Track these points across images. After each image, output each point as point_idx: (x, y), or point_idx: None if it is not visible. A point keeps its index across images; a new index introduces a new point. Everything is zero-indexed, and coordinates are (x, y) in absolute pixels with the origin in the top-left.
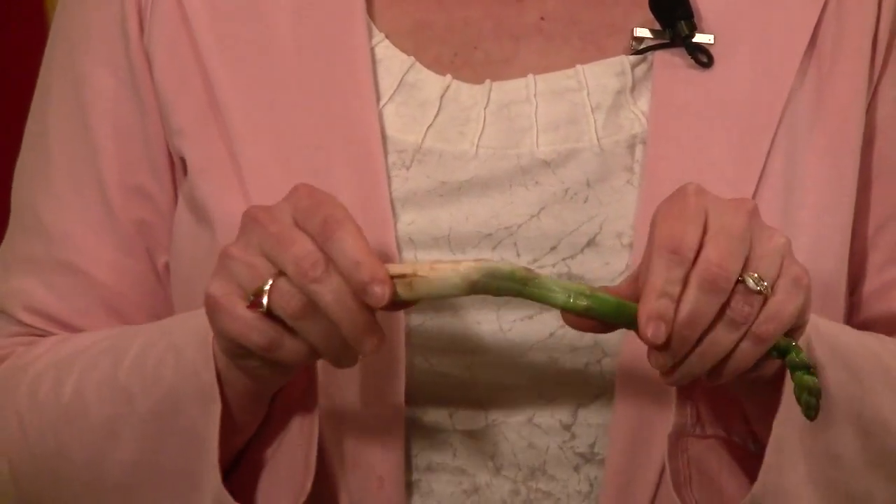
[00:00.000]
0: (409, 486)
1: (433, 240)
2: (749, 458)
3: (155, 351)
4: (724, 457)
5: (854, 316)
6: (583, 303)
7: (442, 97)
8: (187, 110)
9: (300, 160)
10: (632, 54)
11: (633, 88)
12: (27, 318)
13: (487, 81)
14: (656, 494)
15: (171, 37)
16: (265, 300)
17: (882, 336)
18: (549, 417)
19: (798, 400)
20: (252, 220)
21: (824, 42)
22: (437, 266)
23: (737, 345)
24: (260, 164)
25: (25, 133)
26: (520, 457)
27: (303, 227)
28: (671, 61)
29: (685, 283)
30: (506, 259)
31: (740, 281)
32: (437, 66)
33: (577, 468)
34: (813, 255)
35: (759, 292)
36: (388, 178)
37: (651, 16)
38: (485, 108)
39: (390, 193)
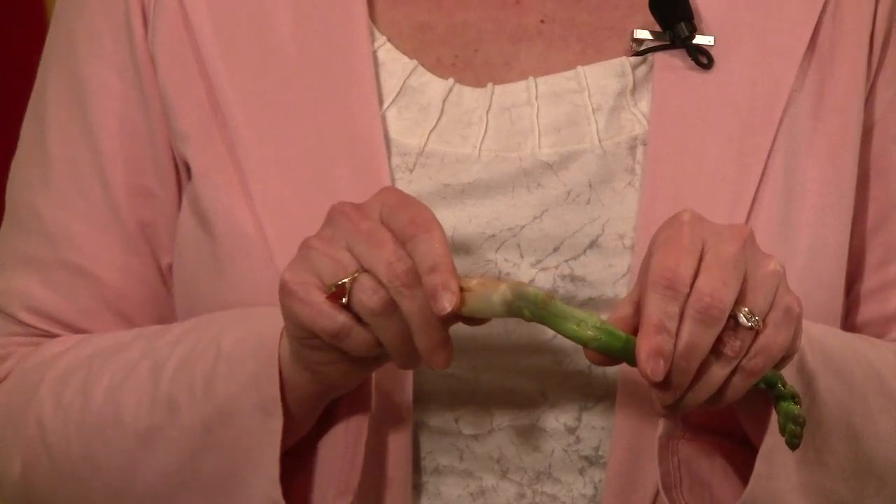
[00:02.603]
0: (417, 488)
1: None
2: (741, 461)
3: (204, 360)
4: (715, 460)
5: (850, 315)
6: (590, 333)
7: (444, 101)
8: (190, 114)
9: (303, 164)
10: (632, 56)
11: (633, 90)
12: (29, 318)
13: (489, 85)
14: (657, 497)
15: (174, 38)
16: (346, 293)
17: (875, 340)
18: (554, 421)
19: (782, 430)
20: (340, 213)
21: (823, 43)
22: (483, 281)
23: (728, 378)
24: (262, 168)
25: (22, 132)
26: (525, 460)
27: (388, 223)
28: (671, 63)
29: (681, 316)
30: (510, 260)
31: (731, 316)
32: (439, 69)
33: (581, 471)
34: (813, 257)
35: (751, 328)
36: (392, 181)
37: (651, 17)
38: (487, 111)
39: None
